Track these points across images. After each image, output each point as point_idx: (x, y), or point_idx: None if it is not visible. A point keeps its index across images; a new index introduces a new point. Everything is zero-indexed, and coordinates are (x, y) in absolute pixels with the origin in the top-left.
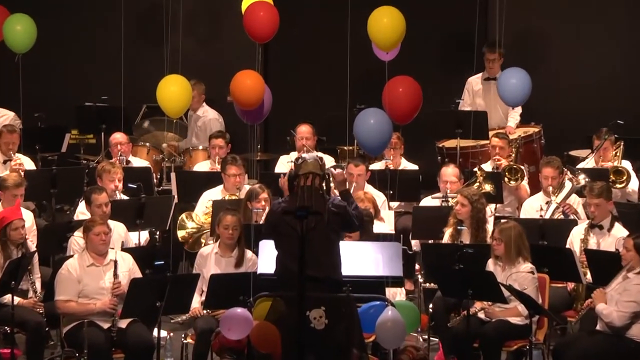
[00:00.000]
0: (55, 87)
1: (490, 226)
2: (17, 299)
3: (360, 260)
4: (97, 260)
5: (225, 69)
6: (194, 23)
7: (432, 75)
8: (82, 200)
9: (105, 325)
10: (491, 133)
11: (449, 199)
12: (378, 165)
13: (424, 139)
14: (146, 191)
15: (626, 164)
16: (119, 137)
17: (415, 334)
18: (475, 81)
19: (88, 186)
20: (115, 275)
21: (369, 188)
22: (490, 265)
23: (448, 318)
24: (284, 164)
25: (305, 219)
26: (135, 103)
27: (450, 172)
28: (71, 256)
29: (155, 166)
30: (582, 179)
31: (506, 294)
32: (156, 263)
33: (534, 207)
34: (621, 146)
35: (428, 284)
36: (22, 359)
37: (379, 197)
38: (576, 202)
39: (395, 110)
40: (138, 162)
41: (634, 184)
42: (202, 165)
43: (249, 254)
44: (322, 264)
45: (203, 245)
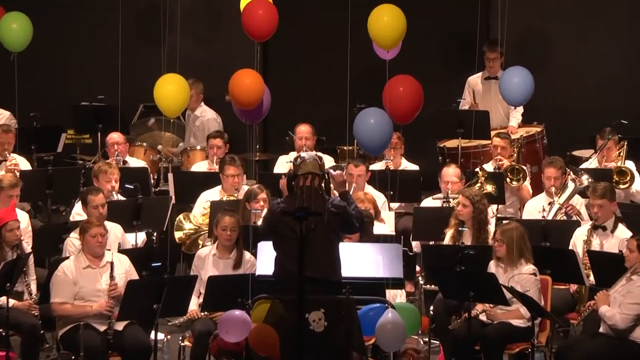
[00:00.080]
0: (51, 86)
1: (492, 227)
2: (12, 301)
3: (360, 261)
4: (94, 262)
5: (224, 68)
6: (192, 22)
7: (433, 74)
8: (78, 201)
9: (102, 327)
10: (493, 133)
11: (450, 200)
12: (378, 166)
13: (425, 138)
14: (143, 192)
15: (630, 164)
16: (115, 137)
17: (416, 337)
18: (475, 80)
19: (84, 187)
20: (111, 277)
21: (369, 189)
22: (492, 266)
23: (449, 320)
24: (283, 164)
25: (304, 220)
26: (132, 102)
27: (451, 173)
28: (67, 258)
29: (153, 166)
30: (585, 179)
31: (508, 296)
32: (153, 265)
33: (537, 208)
34: (625, 146)
35: (429, 286)
36: None
37: (379, 198)
38: (579, 203)
39: (395, 110)
40: (135, 163)
41: (638, 184)
42: (200, 166)
43: (248, 255)
44: (322, 265)
45: (201, 246)
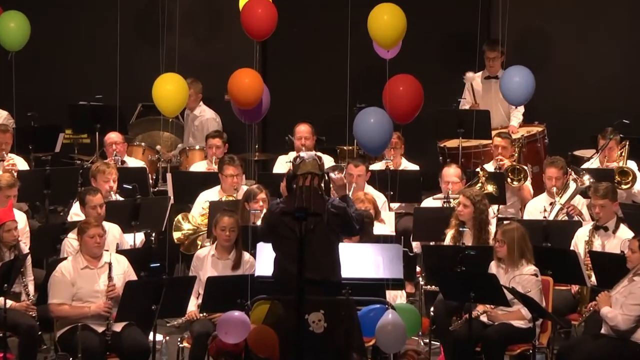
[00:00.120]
0: (49, 86)
1: (492, 228)
2: (10, 302)
3: (360, 262)
4: (92, 263)
5: (223, 68)
6: (191, 21)
7: (434, 73)
8: (76, 201)
9: (100, 328)
10: (494, 132)
11: (451, 200)
12: (378, 166)
13: (425, 138)
14: (141, 192)
15: (632, 164)
16: (114, 137)
17: (416, 338)
18: (475, 80)
19: (82, 187)
20: (109, 277)
21: (369, 189)
22: (493, 267)
23: (450, 321)
24: (283, 164)
25: (304, 220)
26: (130, 102)
27: (452, 173)
28: (65, 258)
29: (151, 166)
30: (587, 179)
31: (509, 296)
32: (152, 265)
33: (538, 208)
34: (626, 146)
35: (429, 287)
36: None
37: (379, 198)
38: (580, 203)
39: (395, 110)
40: (133, 162)
41: None
42: (199, 166)
43: (247, 256)
44: (321, 265)
45: (199, 247)
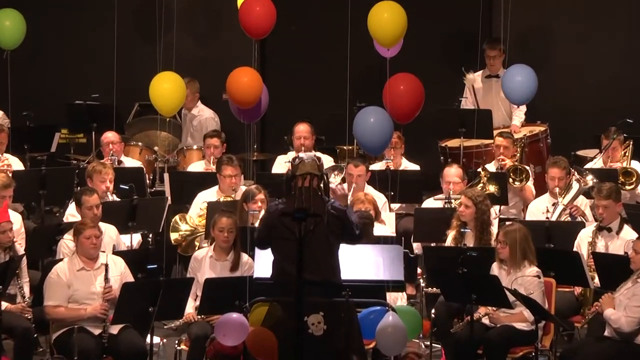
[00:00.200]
0: (45, 85)
1: (494, 228)
2: (5, 304)
3: (360, 263)
4: (88, 264)
5: (221, 66)
6: (188, 19)
7: (435, 72)
8: (72, 201)
9: (96, 331)
10: (495, 132)
11: (452, 201)
12: (378, 166)
13: (426, 138)
14: (138, 192)
15: (635, 165)
16: (110, 136)
17: (417, 340)
18: (476, 79)
19: (78, 187)
20: (106, 279)
21: (369, 189)
22: (495, 269)
23: (451, 324)
24: (282, 164)
25: (303, 221)
26: (127, 101)
27: (453, 173)
28: (61, 260)
29: (148, 166)
30: (590, 179)
31: (511, 298)
32: (149, 267)
33: (540, 209)
34: (630, 146)
35: (430, 289)
36: None
37: (380, 199)
38: (584, 204)
39: (396, 109)
40: (130, 162)
41: None
42: (197, 166)
43: (245, 257)
44: (321, 267)
45: (197, 248)
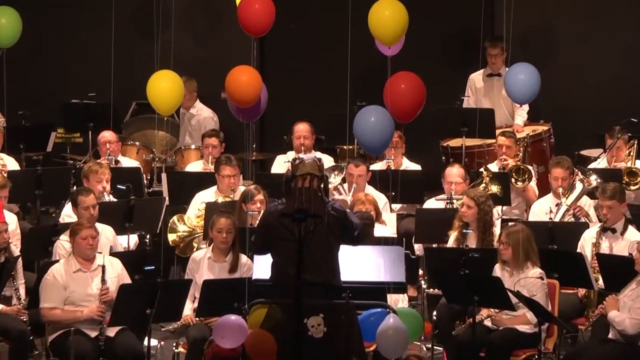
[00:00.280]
0: (41, 84)
1: (497, 229)
2: (0, 306)
3: (360, 265)
4: (84, 266)
5: (219, 65)
6: (187, 17)
7: (436, 71)
8: (69, 202)
9: (93, 333)
10: (498, 131)
11: (454, 201)
12: (378, 166)
13: (428, 137)
14: (136, 193)
15: None
16: (107, 136)
17: (419, 343)
18: (477, 78)
19: (75, 187)
20: (103, 281)
21: (369, 189)
22: (497, 270)
23: (453, 326)
24: (281, 164)
25: (303, 222)
26: (124, 100)
27: (455, 173)
28: (57, 261)
29: (146, 166)
30: (594, 180)
31: (514, 300)
32: (146, 268)
33: (543, 210)
34: (635, 145)
35: (432, 290)
36: None
37: (381, 199)
38: (587, 204)
39: (397, 108)
40: (127, 162)
41: None
42: (195, 166)
43: (244, 258)
44: (321, 268)
45: (195, 249)
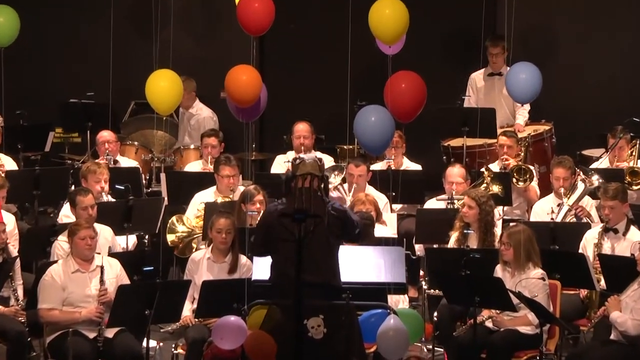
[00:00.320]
0: (39, 83)
1: (498, 230)
2: None
3: (361, 265)
4: (83, 266)
5: (218, 64)
6: (186, 16)
7: (437, 70)
8: (67, 202)
9: (91, 334)
10: (499, 131)
11: (455, 201)
12: (379, 166)
13: (429, 137)
14: (134, 193)
15: None
16: (106, 136)
17: (419, 344)
18: (478, 77)
19: (73, 187)
20: (101, 281)
21: (370, 189)
22: (499, 271)
23: (454, 327)
24: (281, 164)
25: (303, 222)
26: (123, 100)
27: (456, 173)
28: (55, 262)
29: (145, 166)
30: (596, 179)
31: (515, 301)
32: (145, 269)
33: (545, 210)
34: (637, 145)
35: (433, 291)
36: None
37: (381, 199)
38: (589, 205)
39: (397, 107)
40: (126, 162)
41: None
42: (194, 166)
43: (243, 259)
44: (321, 269)
45: (194, 250)
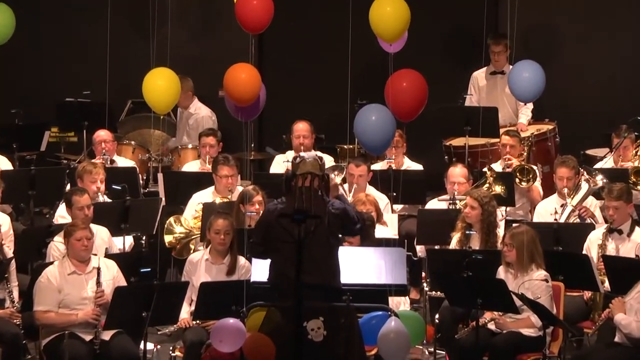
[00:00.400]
0: (35, 81)
1: (501, 231)
2: None
3: (361, 267)
4: (79, 268)
5: (216, 63)
6: (183, 13)
7: (438, 68)
8: (63, 202)
9: (88, 337)
10: (502, 130)
11: (457, 202)
12: (379, 166)
13: (430, 137)
14: (131, 193)
15: None
16: (103, 135)
17: (421, 347)
18: (480, 76)
19: (69, 187)
20: (98, 283)
21: (370, 190)
22: (501, 272)
23: (456, 329)
24: (280, 164)
25: (302, 223)
26: (120, 98)
27: (458, 173)
28: (51, 263)
29: (142, 166)
30: (600, 180)
31: (518, 303)
32: (142, 270)
33: (548, 210)
34: None
35: (434, 293)
36: None
37: (382, 200)
38: (593, 205)
39: (398, 106)
40: (123, 162)
41: None
42: (192, 165)
43: (242, 260)
44: (321, 270)
45: (192, 251)
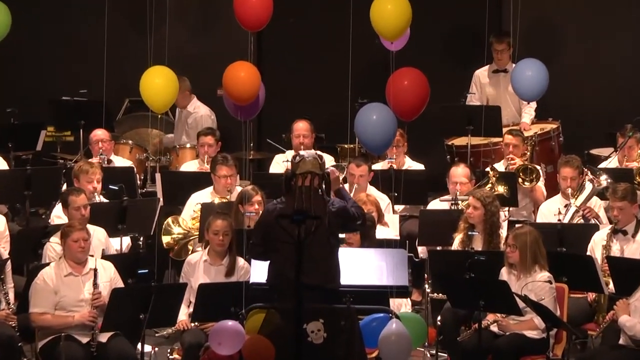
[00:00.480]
0: (30, 80)
1: (503, 231)
2: None
3: (362, 268)
4: (76, 269)
5: (215, 61)
6: (182, 11)
7: (440, 67)
8: (59, 202)
9: (84, 339)
10: (504, 130)
11: (459, 202)
12: (380, 166)
13: (432, 136)
14: (129, 193)
15: None
16: (100, 134)
17: (422, 349)
18: (482, 74)
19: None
20: (95, 285)
21: (371, 190)
22: (504, 274)
23: (458, 331)
24: (279, 164)
25: (302, 223)
26: (117, 97)
27: (460, 173)
28: (47, 264)
29: (139, 166)
30: (604, 180)
31: (521, 305)
32: (139, 272)
33: (552, 211)
34: None
35: (436, 295)
36: None
37: (383, 200)
38: (597, 205)
39: (400, 105)
40: (120, 162)
41: None
42: (190, 165)
43: (241, 261)
44: (321, 271)
45: (191, 252)
